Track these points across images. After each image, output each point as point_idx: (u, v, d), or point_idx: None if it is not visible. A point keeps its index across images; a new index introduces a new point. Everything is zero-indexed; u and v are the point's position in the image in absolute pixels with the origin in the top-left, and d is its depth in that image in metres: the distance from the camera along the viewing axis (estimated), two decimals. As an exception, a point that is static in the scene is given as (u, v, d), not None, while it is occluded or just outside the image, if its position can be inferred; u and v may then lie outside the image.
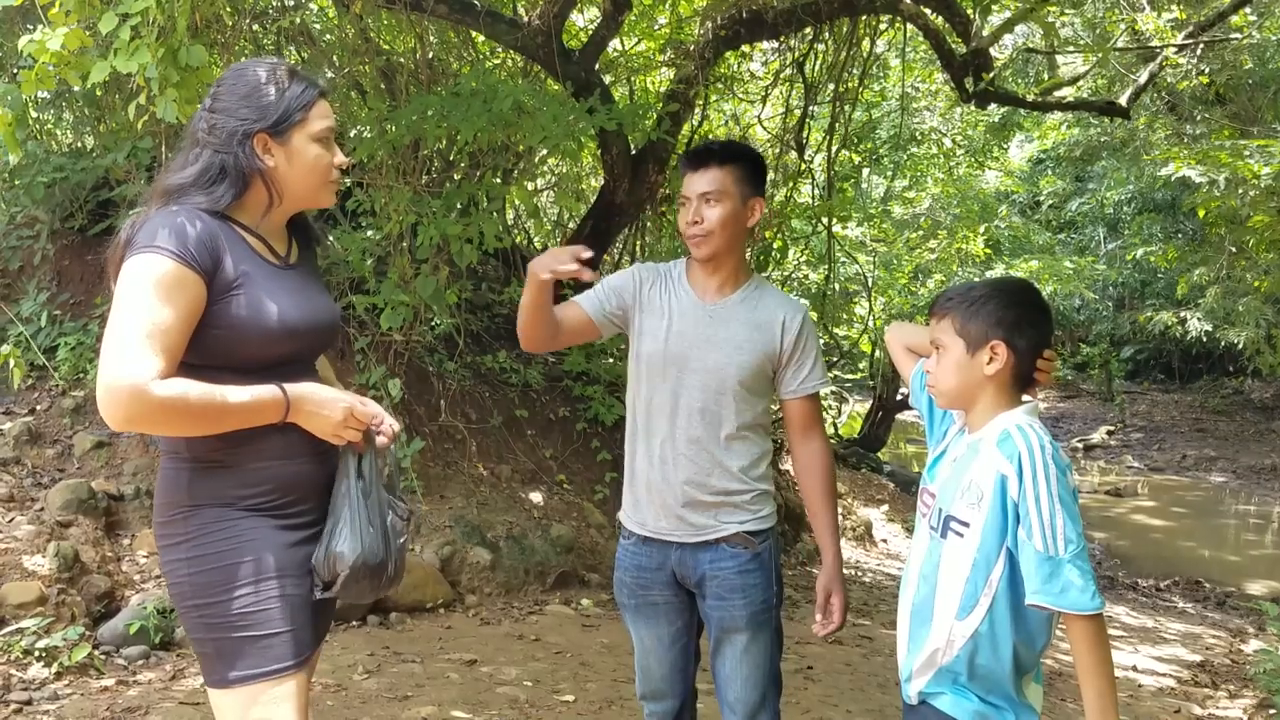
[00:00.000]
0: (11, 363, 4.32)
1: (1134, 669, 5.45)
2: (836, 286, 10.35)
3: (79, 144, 6.73)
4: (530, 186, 7.86)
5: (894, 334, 2.30)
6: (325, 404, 1.78)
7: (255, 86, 1.80)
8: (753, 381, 2.35)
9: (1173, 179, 7.80)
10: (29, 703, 3.45)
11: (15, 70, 5.30)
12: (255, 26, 5.97)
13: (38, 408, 5.22)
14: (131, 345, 1.61)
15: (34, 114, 6.32)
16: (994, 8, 7.45)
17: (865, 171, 11.96)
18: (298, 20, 6.07)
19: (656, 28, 8.04)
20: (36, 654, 3.71)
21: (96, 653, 3.87)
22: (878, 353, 11.34)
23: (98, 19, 2.98)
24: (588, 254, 2.14)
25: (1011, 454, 1.72)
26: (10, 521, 4.32)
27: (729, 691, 2.39)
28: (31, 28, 4.46)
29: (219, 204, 1.77)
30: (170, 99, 2.98)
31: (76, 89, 4.17)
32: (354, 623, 4.58)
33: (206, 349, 1.73)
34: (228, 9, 4.87)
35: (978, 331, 1.81)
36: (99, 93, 5.57)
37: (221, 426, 1.70)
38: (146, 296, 1.64)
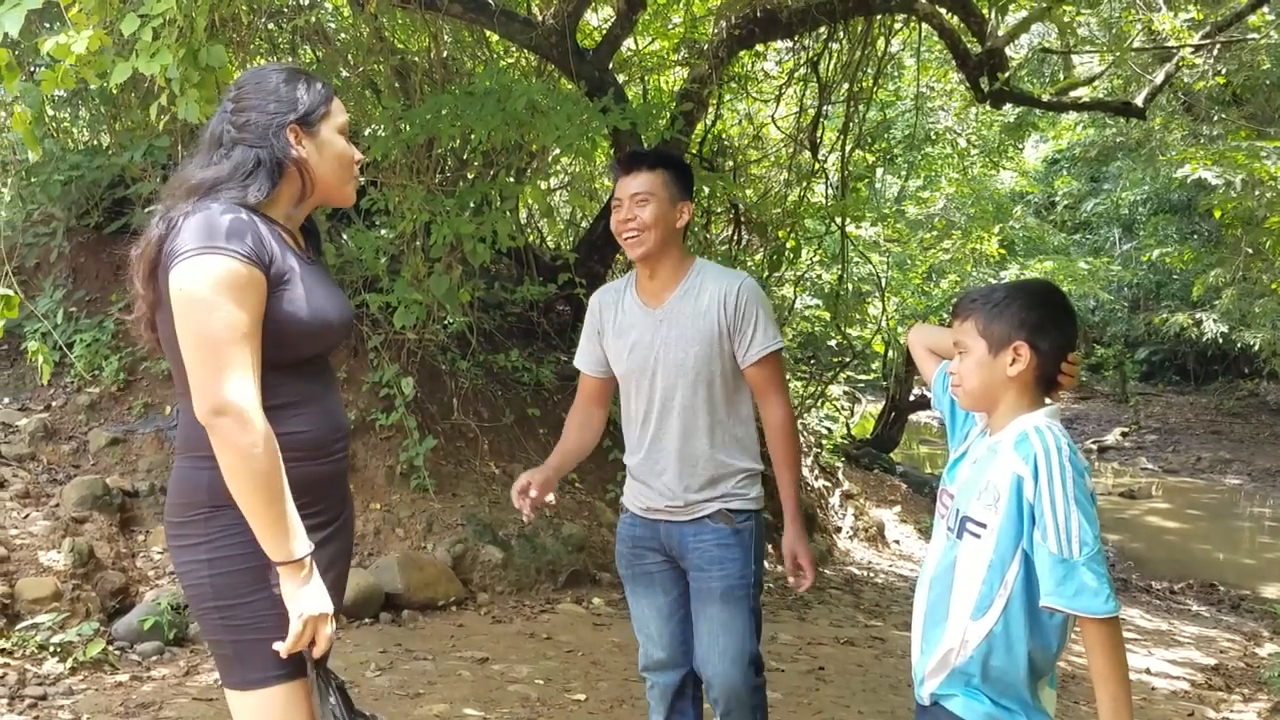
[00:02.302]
0: (41, 358, 4.36)
1: (1148, 672, 5.41)
2: (850, 287, 10.34)
3: (95, 142, 6.75)
4: (544, 186, 7.85)
5: (916, 335, 2.30)
6: (319, 597, 1.72)
7: (278, 84, 1.84)
8: (717, 367, 2.47)
9: (1189, 180, 7.77)
10: (44, 698, 3.47)
11: (33, 69, 5.33)
12: (270, 26, 5.99)
13: (54, 404, 5.24)
14: (230, 362, 1.61)
15: (50, 112, 6.35)
16: (1010, 7, 7.42)
17: (879, 171, 11.93)
18: (313, 19, 6.08)
19: (670, 27, 8.03)
20: (51, 649, 3.73)
21: (111, 648, 3.89)
22: (891, 353, 11.31)
23: (117, 19, 2.99)
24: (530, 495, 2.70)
25: (1028, 455, 1.71)
26: (26, 517, 4.34)
27: (707, 668, 2.48)
28: (48, 25, 4.49)
29: (255, 197, 1.76)
30: (192, 99, 3.00)
31: (93, 87, 4.19)
32: (366, 620, 4.59)
33: None
34: (244, 8, 4.89)
35: (1000, 333, 1.80)
36: (115, 91, 5.60)
37: (254, 503, 1.65)
38: (226, 303, 1.62)
